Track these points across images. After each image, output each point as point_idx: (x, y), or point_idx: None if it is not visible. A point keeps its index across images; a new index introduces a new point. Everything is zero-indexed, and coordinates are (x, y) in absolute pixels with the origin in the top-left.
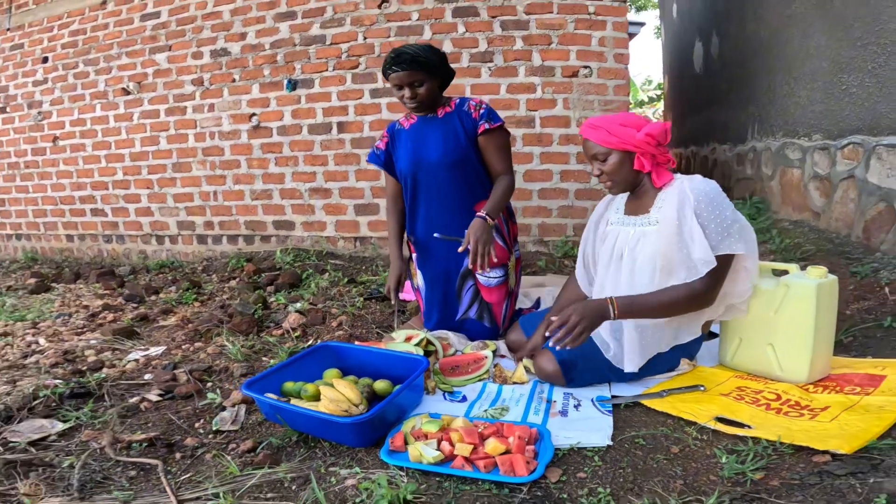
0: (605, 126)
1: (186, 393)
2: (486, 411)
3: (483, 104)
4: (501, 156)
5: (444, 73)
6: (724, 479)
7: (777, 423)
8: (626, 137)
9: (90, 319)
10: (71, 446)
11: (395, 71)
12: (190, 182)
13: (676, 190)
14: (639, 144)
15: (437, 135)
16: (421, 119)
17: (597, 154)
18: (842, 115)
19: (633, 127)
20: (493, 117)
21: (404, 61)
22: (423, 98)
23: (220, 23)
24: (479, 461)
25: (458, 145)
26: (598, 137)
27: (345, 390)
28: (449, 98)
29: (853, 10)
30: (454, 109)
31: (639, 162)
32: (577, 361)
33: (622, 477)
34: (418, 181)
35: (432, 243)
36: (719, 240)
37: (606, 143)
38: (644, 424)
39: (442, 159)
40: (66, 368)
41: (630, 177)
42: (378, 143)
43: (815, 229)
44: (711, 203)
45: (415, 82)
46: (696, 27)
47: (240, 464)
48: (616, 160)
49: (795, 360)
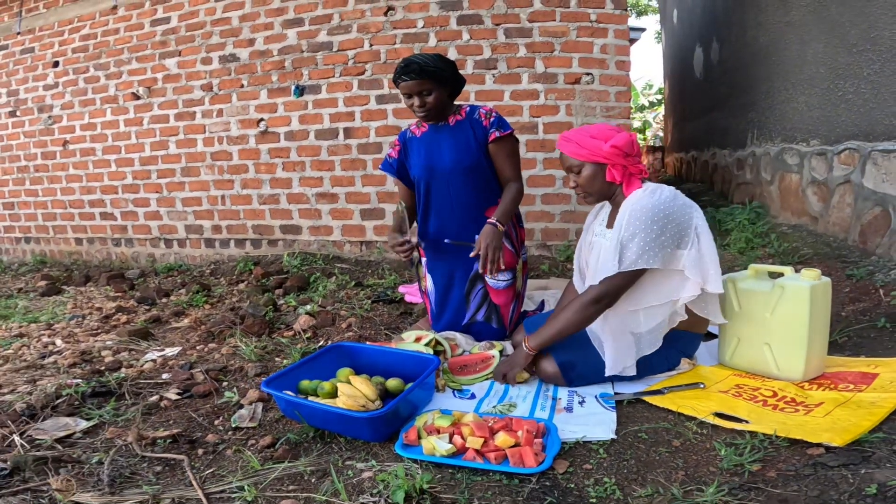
0: (575, 139)
1: (204, 392)
2: (494, 407)
3: (493, 112)
4: (511, 162)
5: (454, 82)
6: (724, 470)
7: (773, 418)
8: (594, 149)
9: (104, 321)
10: (97, 443)
11: (404, 80)
12: (198, 186)
13: (629, 204)
14: (608, 156)
15: (449, 143)
16: (432, 127)
17: (571, 166)
18: (838, 121)
19: (602, 139)
20: (504, 125)
21: (413, 71)
22: (431, 107)
23: (228, 29)
24: (490, 453)
25: (469, 152)
26: (570, 150)
27: (361, 387)
28: (459, 106)
29: (849, 17)
30: (465, 118)
31: (610, 174)
32: (577, 362)
33: (626, 468)
34: (431, 187)
35: (442, 248)
36: (634, 257)
37: (578, 156)
38: (646, 420)
39: (455, 166)
40: (85, 368)
41: (604, 188)
42: (390, 151)
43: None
44: (641, 218)
45: (424, 91)
46: (696, 33)
47: (260, 458)
48: (589, 172)
49: (791, 359)
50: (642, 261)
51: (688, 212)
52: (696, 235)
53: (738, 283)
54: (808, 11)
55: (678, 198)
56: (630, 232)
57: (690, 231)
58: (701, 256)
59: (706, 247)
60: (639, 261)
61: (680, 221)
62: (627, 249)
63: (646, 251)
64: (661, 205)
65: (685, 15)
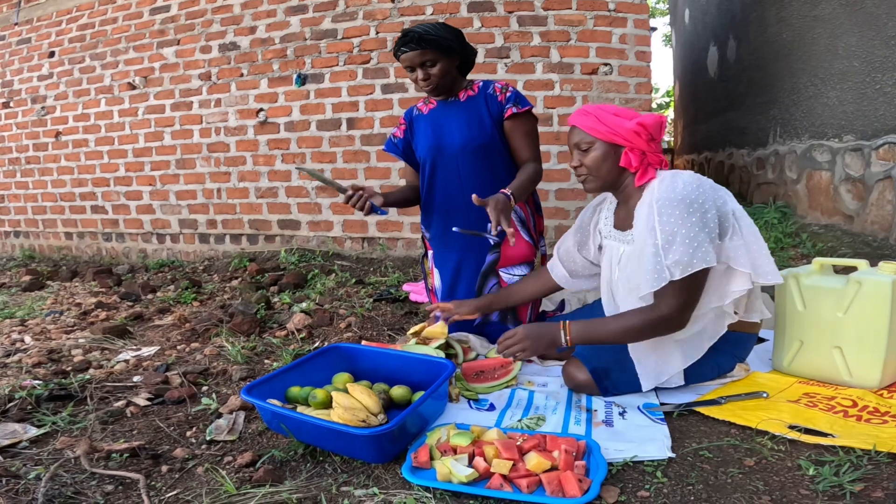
0: (595, 113)
1: (179, 397)
2: (520, 421)
3: (509, 87)
4: (528, 142)
5: (463, 53)
6: (819, 492)
7: (862, 430)
8: (615, 127)
9: (81, 317)
10: (43, 454)
11: (403, 52)
12: (193, 179)
13: (647, 201)
14: (628, 137)
15: (459, 120)
16: (441, 103)
17: (580, 142)
18: (876, 115)
19: (626, 118)
20: (521, 101)
21: (412, 40)
22: (437, 79)
23: (230, 16)
24: (521, 480)
25: (482, 130)
26: (586, 124)
27: (361, 397)
28: (472, 81)
29: (886, 8)
30: (478, 93)
31: (626, 158)
32: (611, 369)
33: (693, 495)
34: (436, 168)
35: (450, 239)
36: (686, 259)
37: (593, 132)
38: (704, 435)
39: (465, 145)
40: (49, 368)
41: (612, 175)
42: (395, 130)
43: (847, 233)
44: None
45: (427, 62)
46: (710, 32)
47: (236, 480)
48: (599, 153)
49: (867, 363)
50: (698, 260)
51: (720, 195)
52: (736, 220)
53: (803, 280)
54: (840, 5)
55: (703, 181)
56: (668, 232)
57: (729, 216)
58: (747, 244)
59: (749, 232)
60: (694, 261)
61: (717, 206)
62: (672, 252)
63: (696, 248)
64: (690, 193)
65: (698, 14)
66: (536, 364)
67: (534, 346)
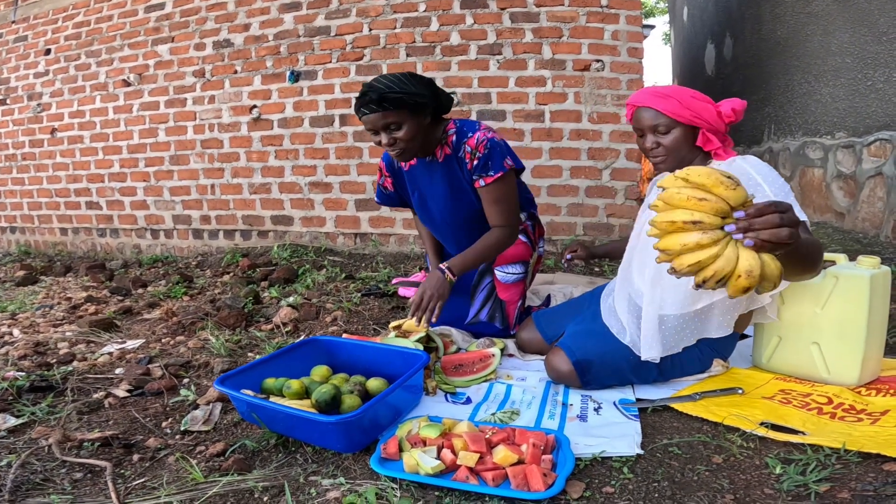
0: (676, 96)
1: (158, 389)
2: (493, 415)
3: (481, 148)
4: (497, 209)
5: (434, 105)
6: (783, 492)
7: (834, 428)
8: (700, 111)
9: (71, 311)
10: (18, 444)
11: (364, 113)
12: (187, 175)
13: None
14: (712, 120)
15: (442, 186)
16: (420, 162)
17: (658, 126)
18: (868, 112)
19: (706, 101)
20: (491, 167)
21: (371, 101)
22: (403, 143)
23: (224, 14)
24: (487, 473)
25: (466, 199)
26: (668, 108)
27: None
28: (446, 133)
29: (878, 4)
30: (452, 150)
31: (703, 138)
32: (594, 361)
33: (657, 492)
34: (426, 222)
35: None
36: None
37: (676, 115)
38: (677, 431)
39: (452, 218)
40: (34, 360)
41: (689, 155)
42: (381, 181)
43: (839, 230)
44: (762, 171)
45: (391, 125)
46: (708, 29)
47: (205, 469)
48: (680, 134)
49: (845, 360)
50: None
51: None
52: None
53: None
54: (833, 1)
55: None
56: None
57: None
58: None
59: None
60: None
61: None
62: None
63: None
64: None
65: (696, 11)
66: (517, 358)
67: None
